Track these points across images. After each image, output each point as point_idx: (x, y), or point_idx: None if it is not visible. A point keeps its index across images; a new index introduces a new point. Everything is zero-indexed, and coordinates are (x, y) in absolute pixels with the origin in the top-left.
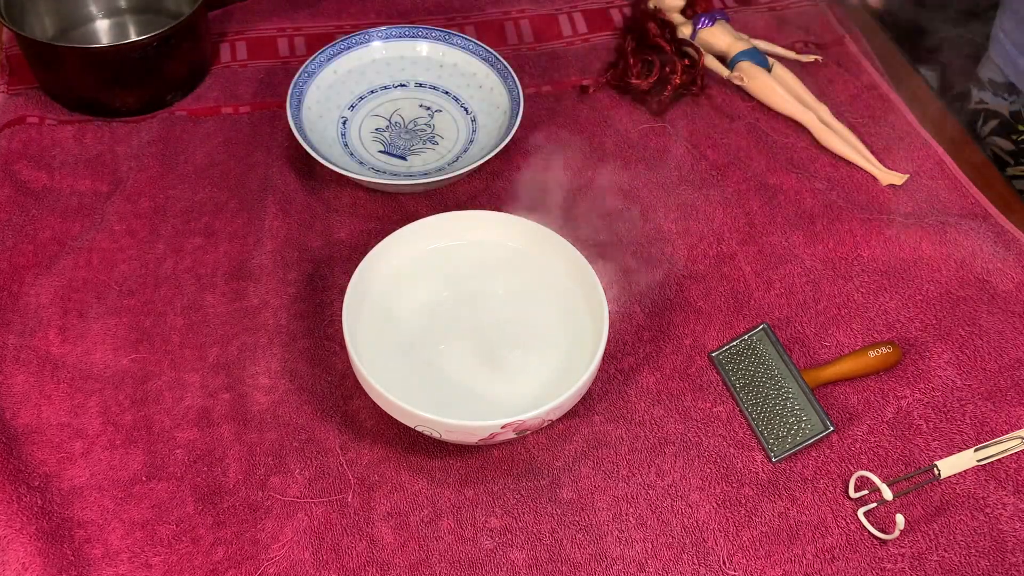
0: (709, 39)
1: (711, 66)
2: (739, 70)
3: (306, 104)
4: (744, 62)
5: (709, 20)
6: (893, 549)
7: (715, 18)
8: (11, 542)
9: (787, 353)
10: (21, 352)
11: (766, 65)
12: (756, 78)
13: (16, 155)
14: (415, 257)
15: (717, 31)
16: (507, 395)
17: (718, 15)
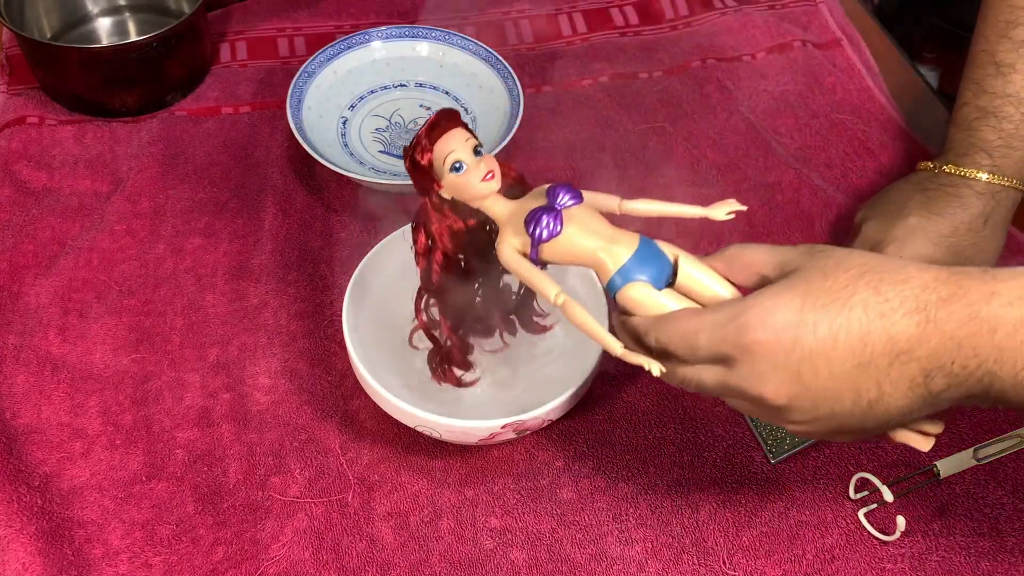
0: (566, 248)
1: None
2: (627, 302)
3: (306, 104)
4: (634, 286)
5: (552, 224)
6: (893, 549)
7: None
8: (11, 542)
9: None
10: (21, 352)
11: (666, 268)
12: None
13: (16, 155)
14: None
15: (572, 232)
16: (507, 395)
17: (568, 197)
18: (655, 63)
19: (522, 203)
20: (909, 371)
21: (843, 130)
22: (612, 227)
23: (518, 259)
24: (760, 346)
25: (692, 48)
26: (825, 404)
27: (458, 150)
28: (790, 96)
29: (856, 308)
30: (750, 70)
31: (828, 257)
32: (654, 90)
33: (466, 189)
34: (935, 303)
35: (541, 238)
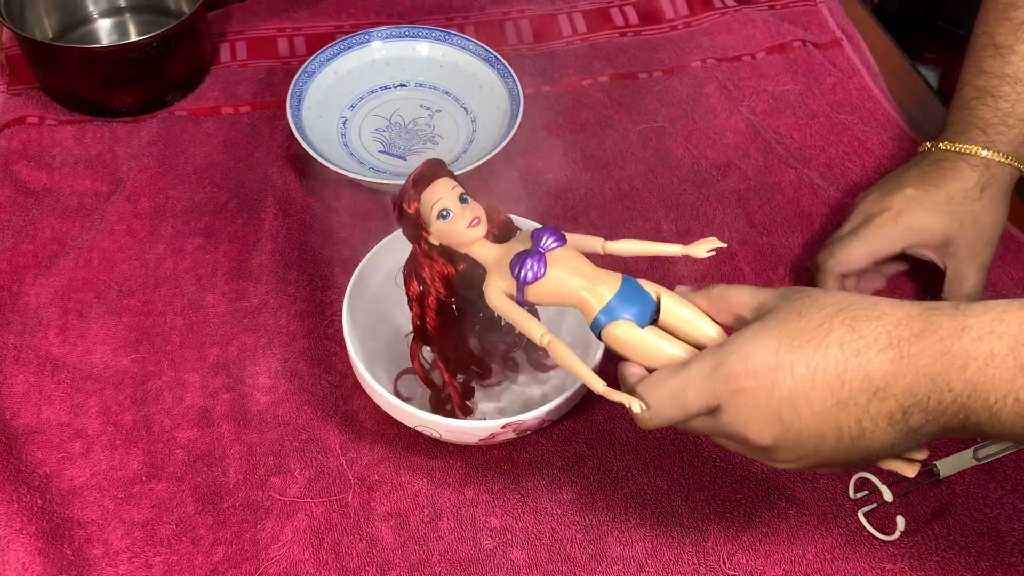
0: (550, 289)
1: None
2: (612, 341)
3: (306, 104)
4: (618, 325)
5: (536, 267)
6: (893, 549)
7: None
8: (11, 542)
9: None
10: (21, 352)
11: (649, 306)
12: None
13: (16, 155)
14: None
15: (556, 274)
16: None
17: (552, 240)
18: (655, 63)
19: (508, 247)
20: (887, 407)
21: (843, 130)
22: (594, 268)
23: (504, 301)
24: (743, 393)
25: (692, 48)
26: (809, 442)
27: (444, 198)
28: (790, 96)
29: (832, 346)
30: (750, 70)
31: (804, 297)
32: (654, 90)
33: (453, 235)
34: (907, 339)
35: (526, 280)
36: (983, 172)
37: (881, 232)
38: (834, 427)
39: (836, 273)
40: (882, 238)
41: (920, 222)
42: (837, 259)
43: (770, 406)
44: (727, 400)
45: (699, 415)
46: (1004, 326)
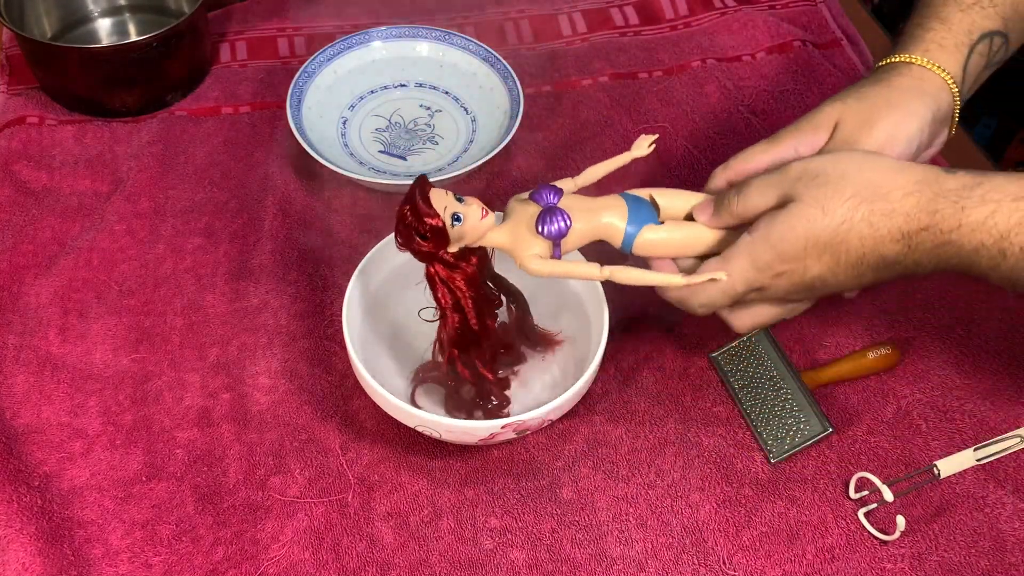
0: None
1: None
2: (646, 247)
3: (306, 104)
4: (644, 233)
5: (563, 218)
6: (893, 549)
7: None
8: (11, 542)
9: (786, 354)
10: (21, 352)
11: (651, 208)
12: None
13: (16, 155)
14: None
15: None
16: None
17: (553, 194)
18: (655, 63)
19: (513, 223)
20: (896, 270)
21: None
22: (596, 199)
23: (547, 263)
24: (780, 276)
25: (692, 48)
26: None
27: (449, 205)
28: (790, 96)
29: (853, 240)
30: (750, 70)
31: (824, 187)
32: (654, 90)
33: (473, 233)
34: (915, 231)
35: (561, 233)
36: (912, 79)
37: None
38: (853, 285)
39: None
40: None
41: (818, 114)
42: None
43: (803, 282)
44: (768, 284)
45: (748, 292)
46: (993, 221)
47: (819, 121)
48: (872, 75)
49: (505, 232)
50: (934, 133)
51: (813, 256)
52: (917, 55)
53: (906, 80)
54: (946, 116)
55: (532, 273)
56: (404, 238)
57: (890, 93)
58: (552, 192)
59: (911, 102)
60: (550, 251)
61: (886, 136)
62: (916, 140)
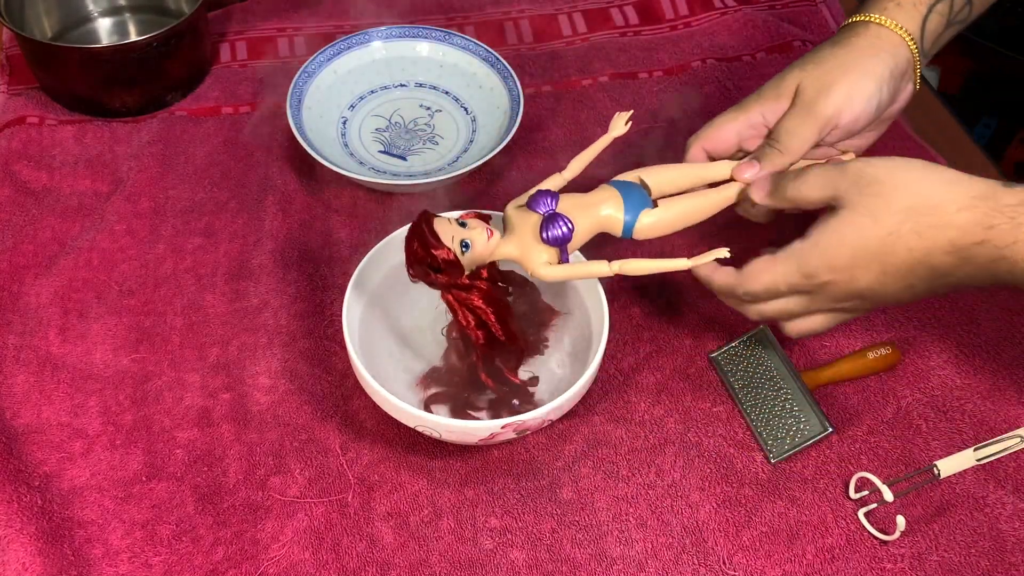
0: (581, 231)
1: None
2: (645, 231)
3: (306, 104)
4: (641, 219)
5: (565, 224)
6: (893, 549)
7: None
8: (11, 542)
9: (786, 354)
10: (21, 352)
11: (643, 191)
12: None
13: (16, 155)
14: None
15: (577, 218)
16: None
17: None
18: (655, 63)
19: (517, 234)
20: (948, 282)
21: None
22: (590, 194)
23: (557, 268)
24: (827, 285)
25: (692, 48)
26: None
27: (456, 234)
28: None
29: (901, 251)
30: (750, 70)
31: (877, 196)
32: (654, 90)
33: (483, 256)
34: (969, 245)
35: (567, 238)
36: (869, 38)
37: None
38: (905, 296)
39: (701, 144)
40: (747, 108)
41: (780, 81)
42: (704, 133)
43: (852, 291)
44: (814, 290)
45: (790, 295)
46: None
47: (781, 88)
48: (833, 37)
49: (512, 244)
50: (895, 89)
51: (861, 266)
52: (875, 14)
53: (863, 40)
54: (905, 72)
55: (545, 279)
56: (418, 273)
57: (847, 54)
58: (549, 198)
59: (867, 61)
60: (558, 256)
61: (844, 97)
62: (875, 98)
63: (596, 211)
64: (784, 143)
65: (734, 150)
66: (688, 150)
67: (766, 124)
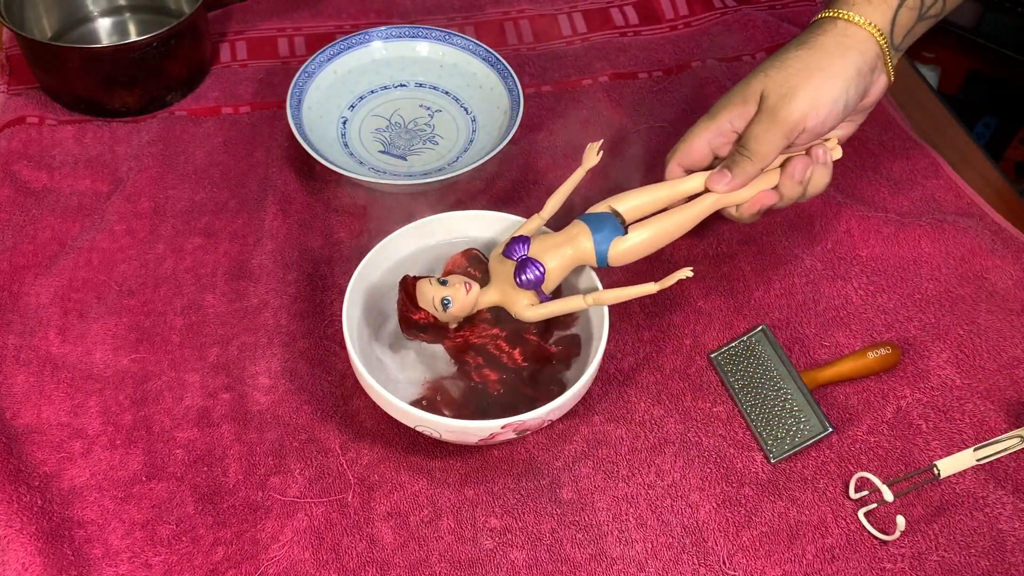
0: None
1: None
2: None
3: (306, 104)
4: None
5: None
6: (893, 549)
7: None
8: (11, 542)
9: (786, 354)
10: (21, 352)
11: (614, 219)
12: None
13: (16, 155)
14: (415, 257)
15: (548, 259)
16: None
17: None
18: (655, 63)
19: (499, 282)
20: None
21: None
22: (561, 233)
23: (538, 308)
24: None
25: (692, 48)
26: None
27: (435, 294)
28: None
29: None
30: (750, 70)
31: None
32: (654, 90)
33: (464, 310)
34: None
35: (540, 281)
36: (835, 36)
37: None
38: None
39: (678, 161)
40: (716, 116)
41: (745, 87)
42: (678, 149)
43: None
44: None
45: None
46: None
47: (747, 94)
48: (799, 37)
49: (494, 292)
50: (864, 86)
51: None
52: (843, 10)
53: (829, 39)
54: (875, 66)
55: (530, 320)
56: (409, 333)
57: (810, 56)
58: (521, 244)
59: (832, 63)
60: (537, 297)
61: (808, 102)
62: (841, 100)
63: (566, 250)
64: (752, 150)
65: (709, 160)
66: (666, 168)
67: (735, 130)
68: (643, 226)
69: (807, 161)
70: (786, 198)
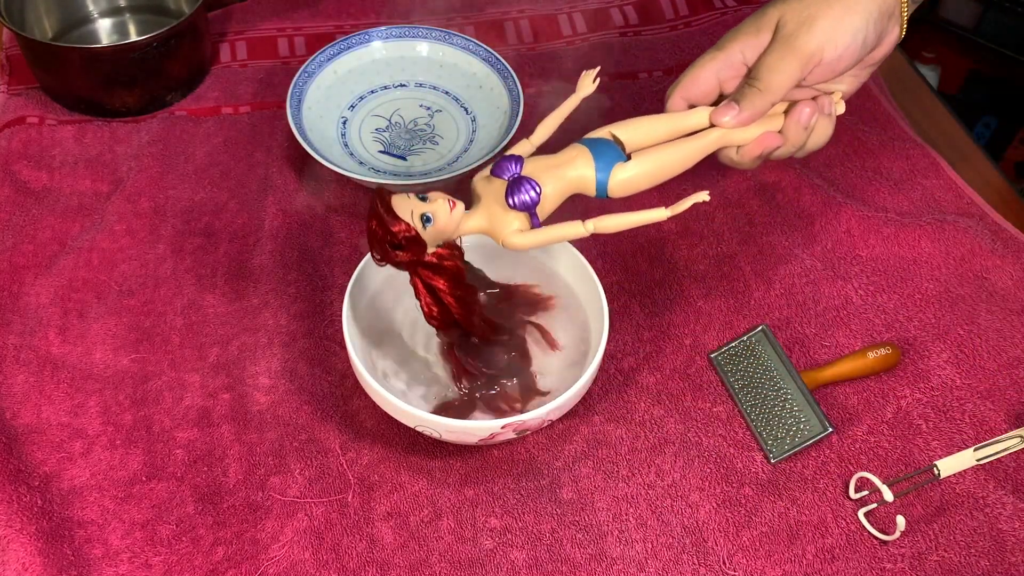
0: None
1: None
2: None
3: (306, 104)
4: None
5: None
6: (893, 549)
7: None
8: (11, 542)
9: (786, 354)
10: (21, 352)
11: (615, 146)
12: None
13: (16, 155)
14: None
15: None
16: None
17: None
18: (655, 63)
19: (484, 204)
20: None
21: (843, 130)
22: (558, 154)
23: (529, 235)
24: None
25: (692, 48)
26: None
27: (415, 208)
28: None
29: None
30: None
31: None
32: (654, 90)
33: (448, 229)
34: None
35: (535, 202)
36: None
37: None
38: None
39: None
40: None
41: (760, 17)
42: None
43: None
44: None
45: None
46: None
47: (761, 23)
48: None
49: (479, 216)
50: (881, 29)
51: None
52: None
53: None
54: (892, 12)
55: (517, 248)
56: (380, 253)
57: None
58: (513, 162)
59: None
60: (528, 223)
61: (828, 31)
62: (862, 33)
63: (565, 172)
64: (765, 80)
65: (715, 95)
66: (668, 101)
67: (745, 63)
68: (647, 154)
69: (814, 107)
70: (789, 143)
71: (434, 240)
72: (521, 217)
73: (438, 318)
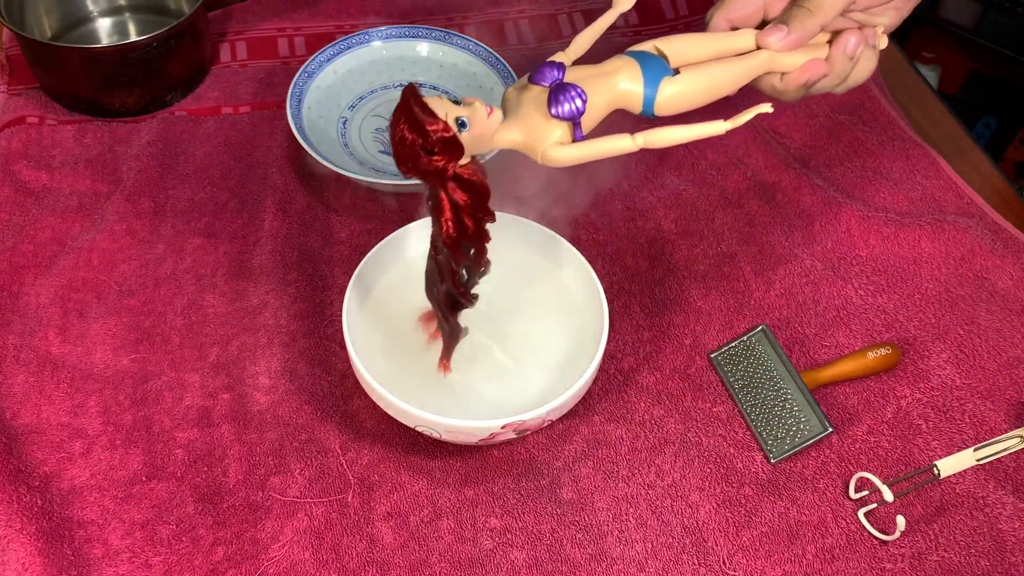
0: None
1: None
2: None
3: (306, 104)
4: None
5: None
6: (893, 549)
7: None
8: (11, 542)
9: (786, 354)
10: (21, 352)
11: (661, 60)
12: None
13: (16, 155)
14: (415, 257)
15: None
16: (507, 395)
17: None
18: None
19: (522, 115)
20: None
21: (843, 130)
22: (603, 64)
23: (572, 148)
24: None
25: None
26: None
27: (449, 110)
28: None
29: None
30: None
31: None
32: None
33: (484, 136)
34: None
35: (580, 112)
36: None
37: None
38: None
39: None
40: None
41: None
42: None
43: None
44: None
45: None
46: None
47: None
48: None
49: (516, 128)
50: None
51: None
52: None
53: None
54: None
55: (558, 163)
56: (410, 161)
57: None
58: (556, 69)
59: None
60: (571, 135)
61: None
62: None
63: (611, 81)
64: (815, 1)
65: (759, 19)
66: (709, 21)
67: None
68: (696, 70)
69: (860, 36)
70: (834, 73)
71: (470, 146)
72: (564, 127)
73: (455, 238)
